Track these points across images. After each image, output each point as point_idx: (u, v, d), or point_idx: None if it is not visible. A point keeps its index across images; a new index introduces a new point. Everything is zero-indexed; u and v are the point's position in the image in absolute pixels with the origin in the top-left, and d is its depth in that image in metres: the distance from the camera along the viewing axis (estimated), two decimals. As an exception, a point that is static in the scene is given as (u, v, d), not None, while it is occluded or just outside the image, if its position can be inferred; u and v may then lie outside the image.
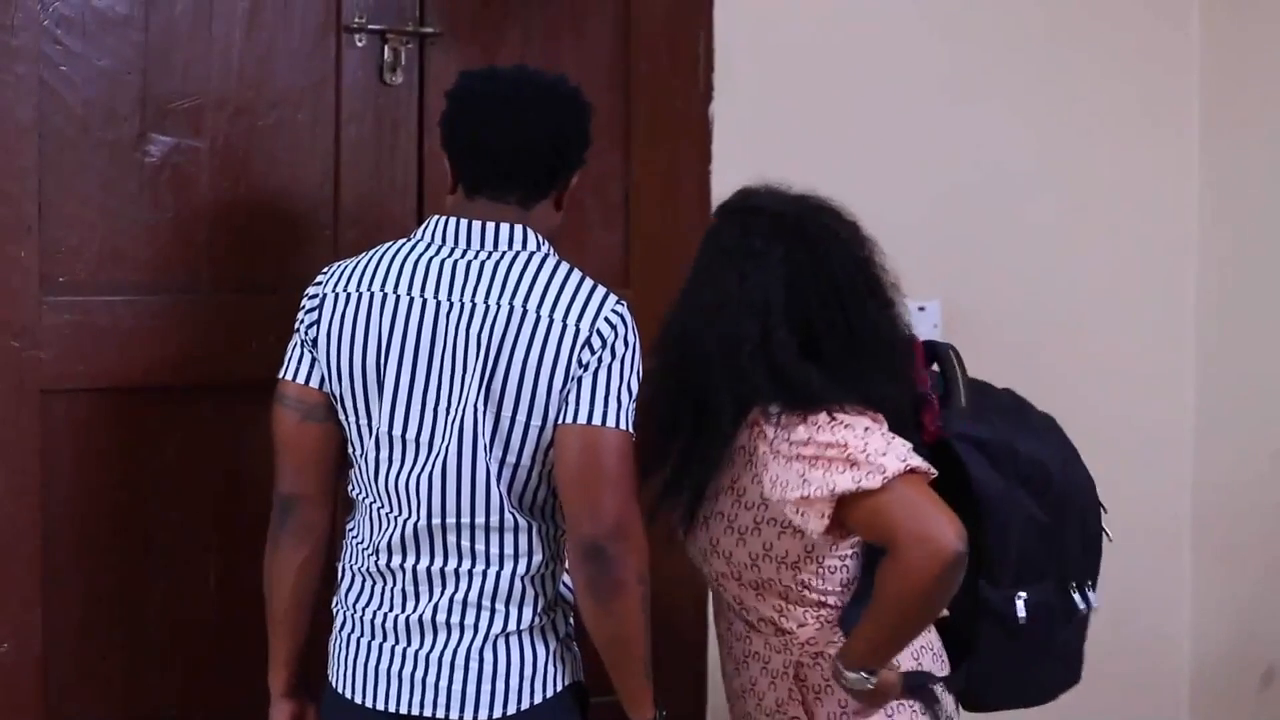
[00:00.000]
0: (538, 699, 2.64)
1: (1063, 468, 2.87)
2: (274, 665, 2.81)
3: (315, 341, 2.67)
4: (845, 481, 2.57)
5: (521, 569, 2.63)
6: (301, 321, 2.70)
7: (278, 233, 3.29)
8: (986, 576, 2.78)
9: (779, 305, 2.67)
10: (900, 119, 3.85)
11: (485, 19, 3.44)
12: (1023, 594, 2.81)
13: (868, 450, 2.58)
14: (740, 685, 2.84)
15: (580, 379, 2.58)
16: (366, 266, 2.67)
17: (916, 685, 2.74)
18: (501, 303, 2.58)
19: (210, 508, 3.27)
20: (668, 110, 3.63)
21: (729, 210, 2.81)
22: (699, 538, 2.79)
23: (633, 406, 2.61)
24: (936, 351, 2.88)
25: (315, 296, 2.69)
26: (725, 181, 3.68)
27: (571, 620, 2.73)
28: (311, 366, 2.67)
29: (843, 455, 2.58)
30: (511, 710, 2.62)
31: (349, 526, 2.75)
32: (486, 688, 2.62)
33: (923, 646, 2.77)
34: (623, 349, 2.61)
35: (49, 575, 3.17)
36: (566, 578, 2.73)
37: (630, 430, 2.60)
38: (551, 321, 2.58)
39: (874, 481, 2.56)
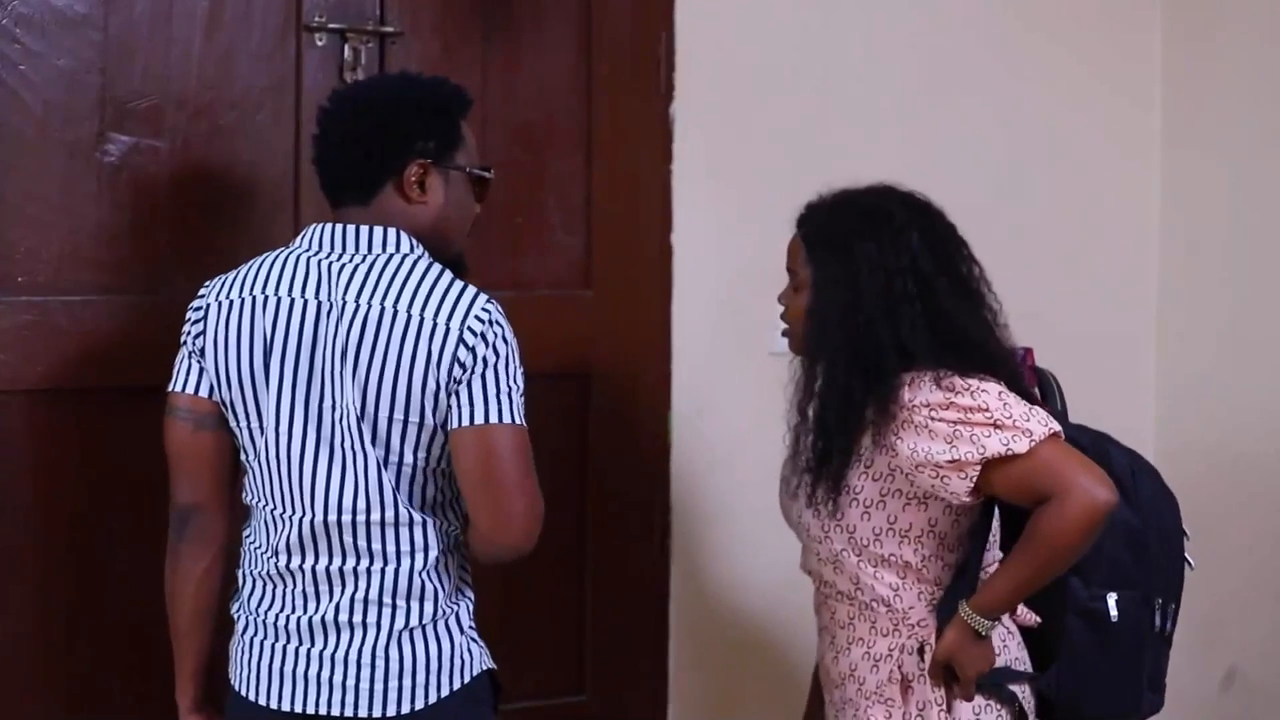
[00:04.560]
0: (445, 692, 2.65)
1: (1151, 483, 2.92)
2: (180, 679, 2.80)
3: (203, 351, 2.68)
4: (995, 444, 2.64)
5: (419, 564, 2.64)
6: (188, 334, 2.71)
7: (237, 233, 3.28)
8: (1079, 575, 2.82)
9: (926, 269, 2.75)
10: (863, 119, 3.86)
11: (446, 19, 3.44)
12: (1113, 595, 2.85)
13: (1011, 415, 2.66)
14: (840, 672, 2.88)
15: (469, 382, 2.58)
16: (248, 274, 2.69)
17: (999, 683, 2.78)
18: (372, 303, 2.59)
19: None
20: (629, 111, 3.63)
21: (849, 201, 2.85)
22: (819, 515, 2.81)
23: (522, 400, 2.61)
24: (1037, 371, 2.98)
25: (200, 309, 2.71)
26: (687, 182, 3.70)
27: (472, 610, 2.73)
28: (200, 376, 2.68)
29: (988, 419, 2.65)
30: (420, 704, 2.63)
31: (246, 534, 2.75)
32: (394, 684, 2.63)
33: (1009, 631, 2.83)
34: (504, 346, 2.61)
35: (4, 579, 3.15)
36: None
37: (523, 423, 2.61)
38: (423, 320, 2.58)
39: (1021, 445, 2.64)
